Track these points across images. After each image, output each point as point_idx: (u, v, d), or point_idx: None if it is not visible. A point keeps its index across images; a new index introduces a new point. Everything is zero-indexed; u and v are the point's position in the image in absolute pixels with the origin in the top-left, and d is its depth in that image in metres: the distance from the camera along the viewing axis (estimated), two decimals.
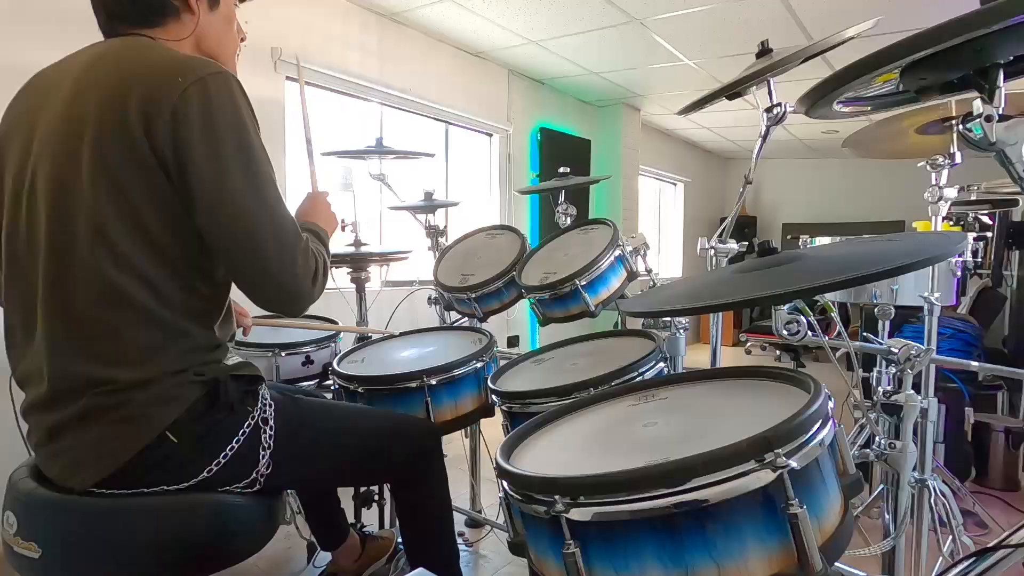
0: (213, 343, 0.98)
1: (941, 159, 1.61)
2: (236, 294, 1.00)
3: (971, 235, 2.77)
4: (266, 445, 1.00)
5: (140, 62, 0.91)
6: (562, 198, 1.96)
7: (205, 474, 0.94)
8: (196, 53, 1.01)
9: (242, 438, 0.97)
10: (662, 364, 1.21)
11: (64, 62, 0.98)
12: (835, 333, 1.11)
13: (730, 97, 1.44)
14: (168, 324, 0.91)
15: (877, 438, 1.06)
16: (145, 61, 0.91)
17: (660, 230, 6.80)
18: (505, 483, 0.78)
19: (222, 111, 0.88)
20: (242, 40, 1.11)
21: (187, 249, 0.91)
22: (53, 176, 0.88)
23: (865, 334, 1.58)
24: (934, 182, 1.64)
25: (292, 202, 1.09)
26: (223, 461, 0.95)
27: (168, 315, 0.91)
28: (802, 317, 0.98)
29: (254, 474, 0.99)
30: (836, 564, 0.76)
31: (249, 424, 0.99)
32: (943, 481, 1.68)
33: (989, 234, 3.68)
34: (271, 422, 1.01)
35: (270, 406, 1.03)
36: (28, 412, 0.95)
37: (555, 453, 0.88)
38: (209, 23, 1.02)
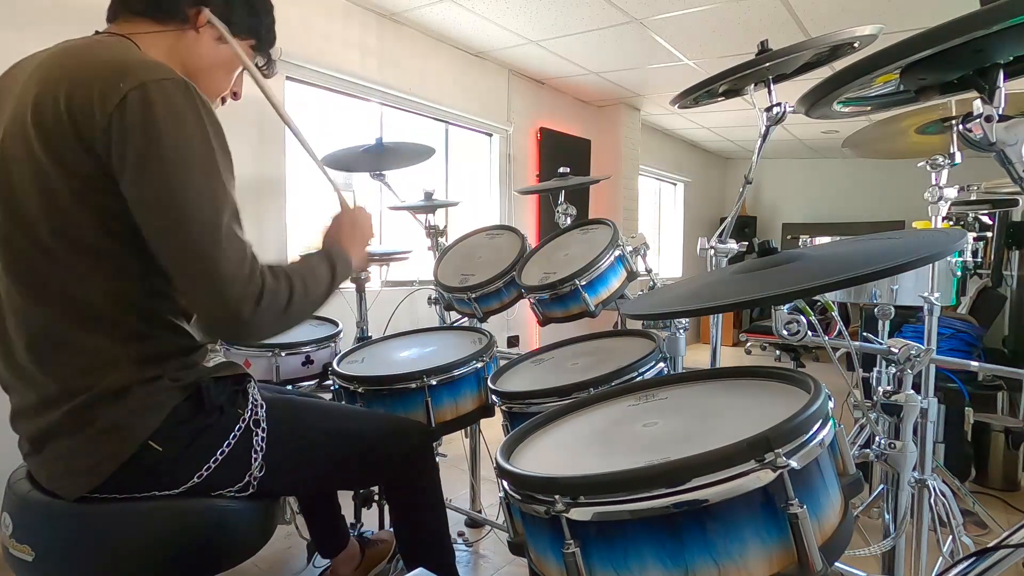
0: (187, 346, 0.95)
1: (941, 159, 1.61)
2: None
3: (971, 235, 2.77)
4: (258, 448, 0.98)
5: (89, 63, 0.86)
6: (562, 198, 1.96)
7: (196, 479, 0.93)
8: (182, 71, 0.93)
9: (233, 441, 0.96)
10: (662, 364, 1.21)
11: (30, 59, 0.93)
12: (835, 333, 1.11)
13: (726, 95, 1.44)
14: (132, 331, 0.89)
15: (877, 438, 1.06)
16: (94, 62, 0.85)
17: (660, 230, 6.80)
18: (505, 483, 0.78)
19: (162, 119, 0.81)
20: (233, 97, 1.10)
21: (143, 255, 0.86)
22: (2, 182, 0.85)
23: (865, 334, 1.58)
24: (934, 182, 1.64)
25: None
26: (214, 465, 0.94)
27: (131, 322, 0.88)
28: (802, 317, 0.98)
29: (247, 477, 0.98)
30: (836, 564, 0.76)
31: (240, 427, 0.97)
32: (943, 481, 1.68)
33: (989, 234, 3.69)
34: (263, 424, 1.00)
35: (262, 407, 1.01)
36: (13, 420, 0.94)
37: (555, 453, 0.88)
38: (211, 51, 1.00)
